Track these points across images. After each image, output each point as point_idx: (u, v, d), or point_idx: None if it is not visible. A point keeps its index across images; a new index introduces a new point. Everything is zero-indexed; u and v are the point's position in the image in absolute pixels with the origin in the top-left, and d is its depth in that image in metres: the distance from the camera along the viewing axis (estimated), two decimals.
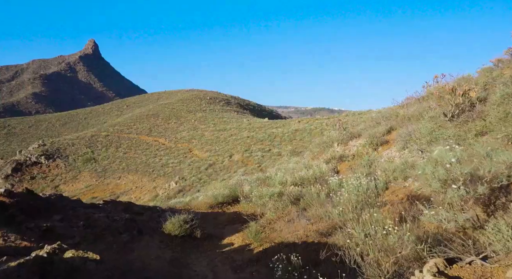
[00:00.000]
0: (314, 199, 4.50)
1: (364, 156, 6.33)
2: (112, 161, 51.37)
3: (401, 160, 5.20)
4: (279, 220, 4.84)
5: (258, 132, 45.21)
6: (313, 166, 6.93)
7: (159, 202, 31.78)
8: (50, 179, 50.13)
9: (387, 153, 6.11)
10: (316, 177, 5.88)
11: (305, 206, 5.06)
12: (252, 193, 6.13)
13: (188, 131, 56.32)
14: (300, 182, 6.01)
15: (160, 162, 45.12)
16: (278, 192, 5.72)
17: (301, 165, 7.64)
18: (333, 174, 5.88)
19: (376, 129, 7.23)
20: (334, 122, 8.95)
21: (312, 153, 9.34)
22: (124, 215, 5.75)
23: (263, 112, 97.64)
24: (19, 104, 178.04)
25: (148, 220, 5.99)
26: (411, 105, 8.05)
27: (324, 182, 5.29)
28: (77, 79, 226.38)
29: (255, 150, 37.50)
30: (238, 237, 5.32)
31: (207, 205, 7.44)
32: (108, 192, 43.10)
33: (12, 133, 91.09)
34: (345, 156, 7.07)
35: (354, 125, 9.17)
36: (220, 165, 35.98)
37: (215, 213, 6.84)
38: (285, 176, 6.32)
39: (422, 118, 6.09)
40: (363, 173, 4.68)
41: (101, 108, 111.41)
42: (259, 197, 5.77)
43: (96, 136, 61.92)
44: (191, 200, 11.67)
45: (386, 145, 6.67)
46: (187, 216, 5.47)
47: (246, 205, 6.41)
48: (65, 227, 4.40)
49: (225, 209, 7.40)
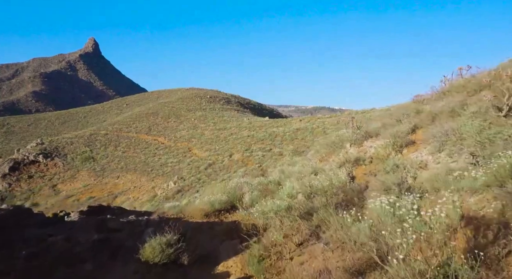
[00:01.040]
0: (332, 215, 3.56)
1: (385, 159, 5.41)
2: (111, 160, 50.82)
3: (437, 165, 4.30)
4: (287, 241, 3.86)
5: (259, 131, 44.40)
6: (325, 170, 5.99)
7: (157, 203, 31.08)
8: (48, 178, 49.68)
9: (415, 156, 5.15)
10: (335, 187, 4.87)
11: (319, 223, 4.04)
12: (254, 207, 5.11)
13: (188, 130, 55.63)
14: (313, 191, 5.00)
15: (159, 161, 44.45)
16: (286, 207, 4.67)
17: (308, 168, 6.72)
18: (350, 180, 4.97)
19: (397, 128, 6.28)
20: (345, 121, 7.99)
21: (320, 154, 8.40)
22: (93, 234, 4.76)
23: (263, 111, 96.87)
24: (19, 102, 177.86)
25: (127, 238, 4.96)
26: (431, 101, 7.15)
27: (346, 194, 4.26)
28: (77, 78, 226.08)
29: (256, 149, 36.67)
30: (237, 263, 4.28)
31: (202, 213, 6.56)
32: (106, 191, 42.56)
33: (11, 132, 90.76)
34: (361, 159, 6.11)
35: (362, 123, 8.26)
36: (219, 164, 35.17)
37: (211, 223, 5.96)
38: (294, 185, 5.29)
39: (457, 114, 5.20)
40: (394, 183, 3.75)
41: (101, 107, 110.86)
42: (262, 213, 4.83)
43: (95, 135, 61.39)
44: (188, 204, 10.83)
45: (412, 146, 5.70)
46: (171, 237, 4.39)
47: (247, 216, 5.51)
48: (1, 259, 3.47)
49: (223, 217, 6.53)
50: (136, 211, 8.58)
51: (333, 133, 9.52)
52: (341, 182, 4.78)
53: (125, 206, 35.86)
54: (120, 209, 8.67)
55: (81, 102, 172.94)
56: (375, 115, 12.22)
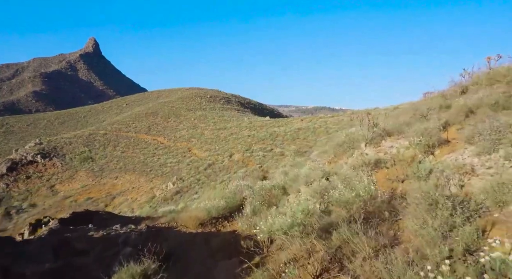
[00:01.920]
0: (359, 236, 2.68)
1: (413, 161, 4.54)
2: (110, 160, 50.33)
3: (490, 170, 3.41)
4: (300, 272, 2.94)
5: (259, 131, 43.66)
6: (339, 174, 5.12)
7: (155, 204, 30.40)
8: (46, 178, 49.29)
9: (453, 159, 4.23)
10: (362, 200, 3.81)
11: (341, 244, 3.15)
12: (257, 218, 4.19)
13: (188, 130, 55.00)
14: (330, 201, 4.04)
15: (158, 161, 43.85)
16: (299, 224, 3.62)
17: (318, 171, 5.83)
18: (383, 192, 3.98)
19: (424, 124, 5.39)
20: (360, 117, 7.12)
21: (328, 154, 7.55)
22: (46, 263, 3.74)
23: (264, 111, 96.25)
24: (20, 102, 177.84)
25: (93, 265, 3.96)
26: (455, 95, 6.33)
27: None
28: (78, 78, 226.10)
29: (256, 149, 35.91)
30: None
31: (197, 221, 5.76)
32: (104, 192, 42.12)
33: (10, 132, 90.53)
34: (382, 161, 5.25)
35: (379, 120, 7.38)
36: (219, 165, 34.44)
37: (207, 234, 5.18)
38: (308, 198, 4.21)
39: (502, 107, 4.38)
40: (443, 195, 2.82)
41: (101, 107, 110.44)
42: (268, 232, 3.94)
43: (94, 135, 60.91)
44: (184, 208, 10.08)
45: (447, 146, 4.81)
46: (149, 265, 3.41)
47: (248, 227, 4.68)
48: None
49: (220, 226, 5.73)
50: (125, 217, 7.79)
51: (342, 132, 8.70)
52: (370, 193, 3.82)
53: (123, 207, 35.32)
54: (108, 214, 7.87)
55: (81, 102, 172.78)
56: (389, 113, 11.32)
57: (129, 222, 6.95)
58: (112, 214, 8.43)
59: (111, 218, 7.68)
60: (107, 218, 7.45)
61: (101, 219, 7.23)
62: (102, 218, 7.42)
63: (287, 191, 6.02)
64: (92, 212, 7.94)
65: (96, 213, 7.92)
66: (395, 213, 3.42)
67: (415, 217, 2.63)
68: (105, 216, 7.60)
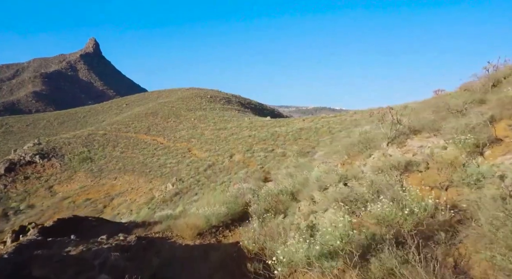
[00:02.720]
0: (414, 269, 1.92)
1: (454, 164, 3.74)
2: (109, 161, 49.87)
3: None
4: None
5: (260, 131, 42.98)
6: (360, 177, 4.30)
7: (154, 205, 29.74)
8: (44, 179, 48.97)
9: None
10: (415, 219, 2.95)
11: (383, 276, 2.35)
12: (274, 257, 2.98)
13: (188, 130, 54.44)
14: (367, 217, 3.12)
15: (158, 162, 43.28)
16: (331, 253, 2.64)
17: (333, 175, 5.00)
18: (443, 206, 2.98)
19: (463, 120, 4.59)
20: (382, 113, 6.32)
21: (339, 155, 6.79)
22: None
23: (264, 111, 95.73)
24: (20, 103, 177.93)
25: None
26: (484, 89, 5.64)
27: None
28: (78, 78, 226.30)
29: (257, 149, 35.22)
30: None
31: (195, 231, 5.04)
32: (103, 193, 41.69)
33: (9, 132, 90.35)
34: (414, 164, 4.44)
35: (402, 117, 6.59)
36: (220, 165, 33.77)
37: (205, 246, 4.47)
38: (340, 214, 3.21)
39: None
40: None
41: (100, 107, 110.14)
42: (287, 264, 2.96)
43: (93, 135, 60.47)
44: (182, 213, 9.39)
45: (499, 145, 3.99)
46: None
47: (255, 244, 3.83)
48: None
49: (221, 236, 5.02)
50: (116, 224, 7.08)
51: (353, 131, 7.98)
52: (427, 209, 2.87)
53: (122, 208, 34.71)
54: (98, 221, 7.16)
55: (81, 103, 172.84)
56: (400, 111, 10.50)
57: (120, 230, 6.24)
58: (102, 220, 7.73)
59: (100, 224, 6.98)
60: (96, 225, 6.75)
61: (89, 226, 6.53)
62: (91, 224, 6.72)
63: (296, 197, 5.28)
64: (80, 218, 7.20)
65: (85, 219, 7.20)
66: (451, 233, 2.60)
67: (492, 241, 1.90)
68: (94, 223, 6.89)
